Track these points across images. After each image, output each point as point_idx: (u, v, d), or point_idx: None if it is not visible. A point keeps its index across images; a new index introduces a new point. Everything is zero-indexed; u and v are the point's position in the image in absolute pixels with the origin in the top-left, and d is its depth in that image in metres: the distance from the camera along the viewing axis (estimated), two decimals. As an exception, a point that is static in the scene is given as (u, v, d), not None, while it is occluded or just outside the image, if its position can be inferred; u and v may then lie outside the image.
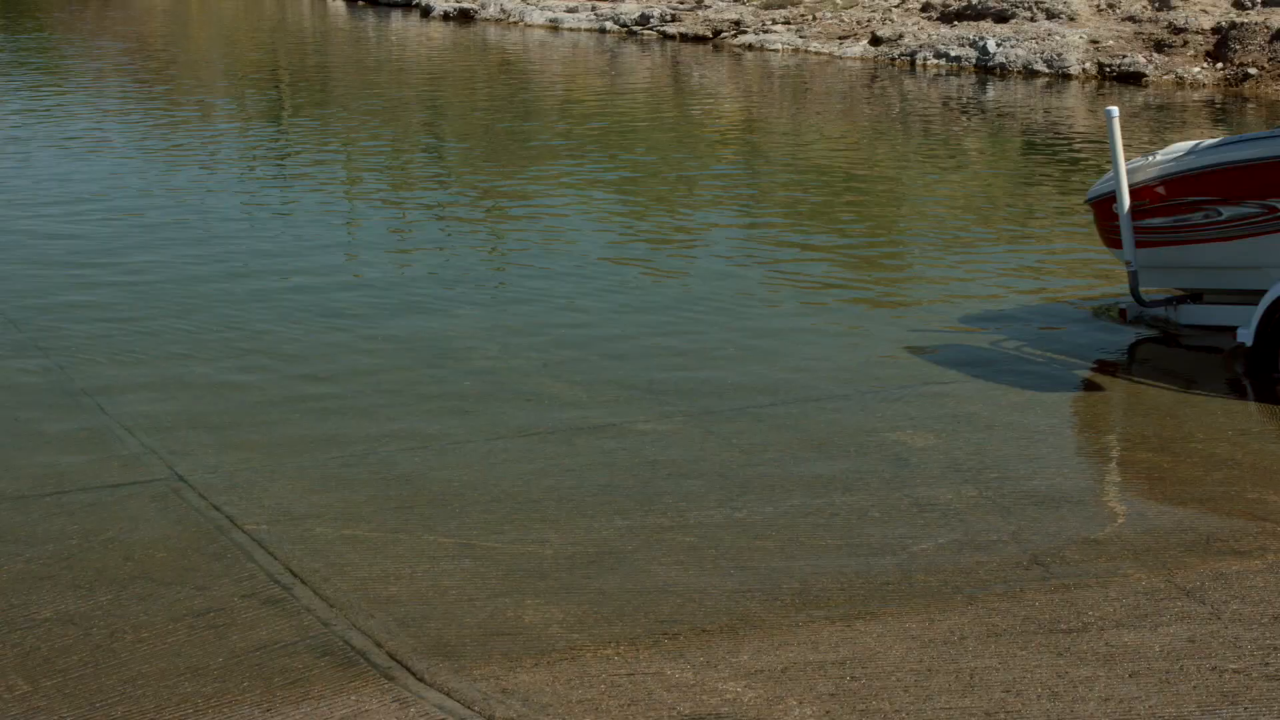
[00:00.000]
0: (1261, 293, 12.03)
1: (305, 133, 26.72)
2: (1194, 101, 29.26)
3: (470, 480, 10.03)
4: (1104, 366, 12.81)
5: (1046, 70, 32.80)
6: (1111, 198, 13.53)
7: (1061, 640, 7.51)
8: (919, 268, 16.25)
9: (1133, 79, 31.42)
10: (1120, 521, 9.43)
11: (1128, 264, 13.47)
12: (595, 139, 25.60)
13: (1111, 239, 13.86)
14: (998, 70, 33.49)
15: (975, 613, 7.95)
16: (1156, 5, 33.80)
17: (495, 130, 26.96)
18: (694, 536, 9.08)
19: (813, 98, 31.37)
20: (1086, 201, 14.63)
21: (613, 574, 8.55)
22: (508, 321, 14.03)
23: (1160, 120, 26.76)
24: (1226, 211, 12.65)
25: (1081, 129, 25.77)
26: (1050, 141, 24.51)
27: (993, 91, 31.40)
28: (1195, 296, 13.70)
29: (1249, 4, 32.90)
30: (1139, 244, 13.35)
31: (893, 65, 35.39)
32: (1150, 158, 13.65)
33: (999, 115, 27.90)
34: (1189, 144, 13.66)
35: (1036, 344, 13.35)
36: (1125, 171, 13.29)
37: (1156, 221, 13.23)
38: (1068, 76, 32.30)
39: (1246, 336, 12.03)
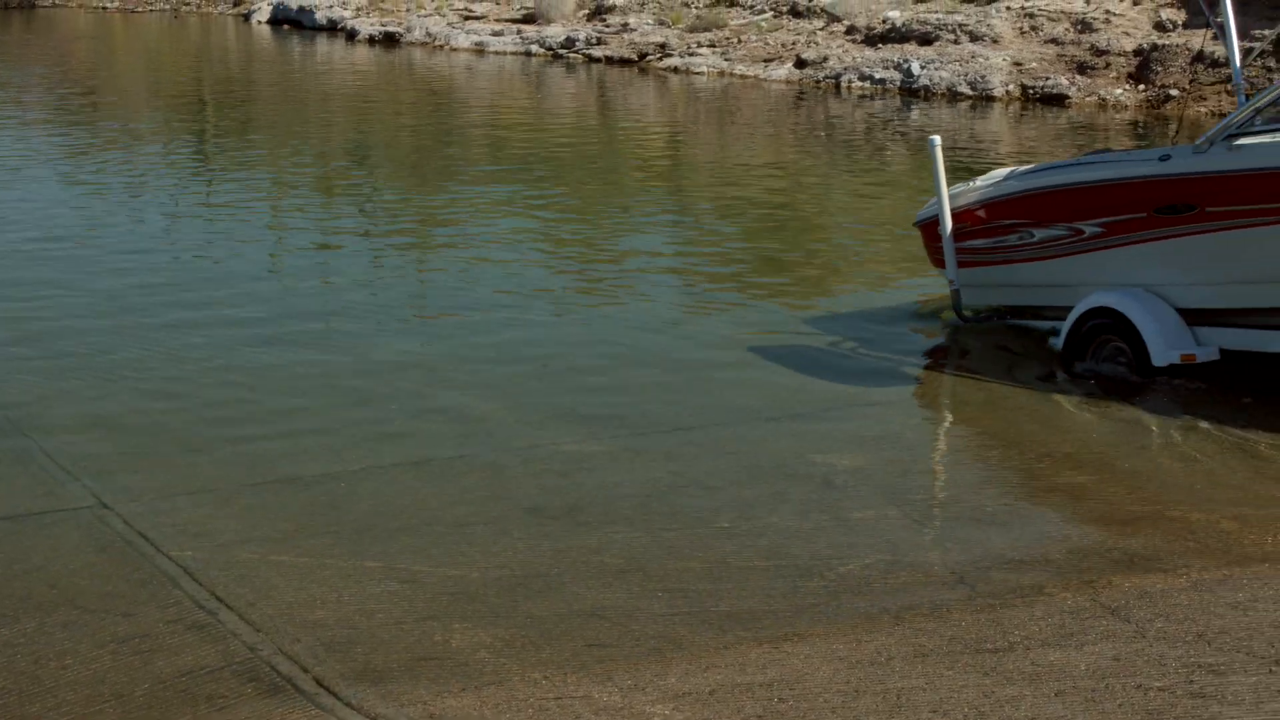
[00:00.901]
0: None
1: (230, 158, 26.60)
2: (1116, 122, 29.49)
3: (397, 504, 9.99)
4: (1023, 384, 12.86)
5: (970, 92, 33.03)
6: (936, 221, 14.33)
7: (988, 660, 7.53)
8: (841, 290, 16.28)
9: (1056, 100, 31.66)
10: (1045, 540, 9.46)
11: (950, 283, 14.31)
12: (521, 163, 25.59)
13: (937, 259, 14.61)
14: (922, 92, 33.70)
15: (902, 633, 7.97)
16: (1079, 28, 34.04)
17: (421, 155, 26.93)
18: (621, 559, 9.08)
19: (738, 121, 31.47)
20: (915, 224, 15.25)
21: (540, 597, 8.53)
22: (435, 346, 14.00)
23: (1083, 141, 26.93)
24: (1038, 234, 13.44)
25: (1007, 150, 25.92)
26: (971, 164, 24.61)
27: (916, 113, 31.57)
28: (1016, 312, 14.37)
29: (1170, 26, 33.17)
30: (962, 264, 14.18)
31: (818, 87, 35.56)
32: (972, 183, 14.46)
33: (921, 137, 28.00)
34: (1006, 170, 14.52)
35: (959, 363, 13.43)
36: (947, 197, 14.10)
37: (977, 243, 14.00)
38: (991, 98, 32.53)
39: (1058, 343, 13.25)
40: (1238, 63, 13.28)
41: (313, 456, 10.91)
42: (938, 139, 14.13)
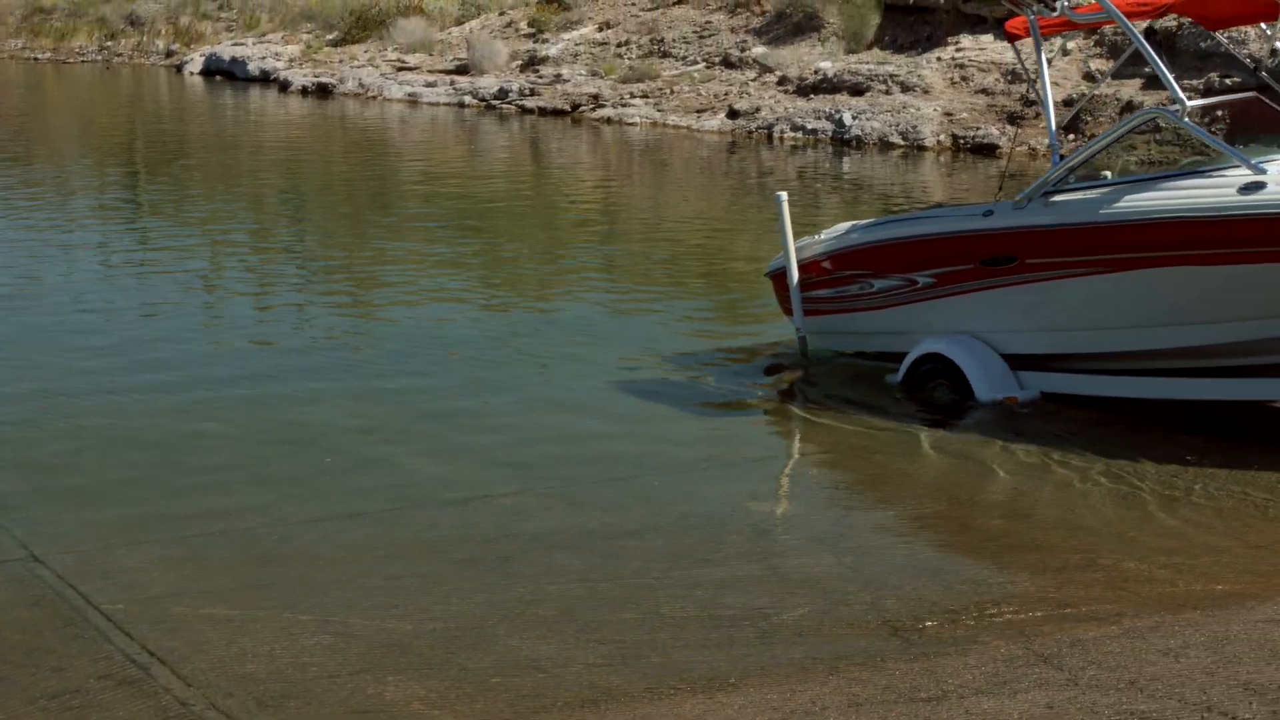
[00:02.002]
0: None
1: (162, 210, 26.51)
2: (1045, 171, 29.63)
3: (330, 557, 9.95)
4: (947, 431, 12.91)
5: (902, 142, 33.21)
6: (785, 272, 14.98)
7: (922, 709, 7.55)
8: (772, 338, 16.26)
9: (986, 150, 31.86)
10: (978, 589, 9.50)
11: (798, 330, 15.02)
12: (455, 214, 25.60)
13: (786, 308, 15.22)
14: (854, 142, 33.86)
15: (836, 683, 7.98)
16: (1009, 78, 34.29)
17: (355, 206, 26.90)
18: (555, 610, 9.07)
19: (670, 171, 31.57)
20: (766, 275, 15.81)
21: (474, 649, 8.51)
22: (368, 397, 13.95)
23: (1014, 190, 27.05)
24: (877, 284, 14.14)
25: (939, 199, 26.04)
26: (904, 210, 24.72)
27: (848, 164, 31.71)
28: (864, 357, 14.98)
29: (1098, 77, 33.44)
30: (808, 312, 14.86)
31: (750, 138, 35.69)
32: (818, 236, 15.03)
33: (855, 186, 28.17)
34: (849, 224, 14.97)
35: (891, 415, 13.46)
36: (794, 250, 14.79)
37: (822, 293, 14.68)
38: (923, 148, 32.71)
39: (895, 379, 13.99)
40: (1053, 125, 13.86)
41: (246, 509, 10.86)
42: (784, 195, 14.91)
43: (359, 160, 33.65)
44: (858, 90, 36.31)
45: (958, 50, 36.64)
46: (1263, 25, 14.37)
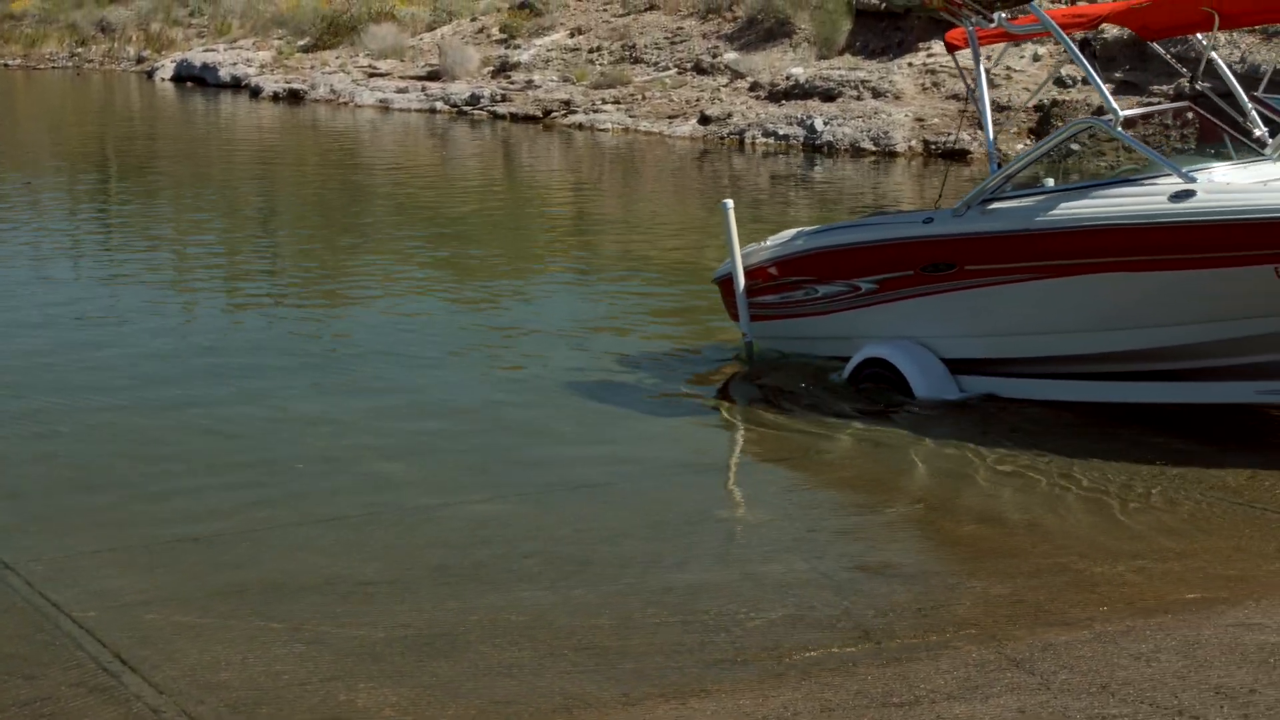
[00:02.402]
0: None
1: (134, 217, 26.46)
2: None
3: (302, 564, 9.94)
4: (910, 435, 12.92)
5: (873, 148, 33.27)
6: (732, 278, 15.28)
7: (894, 714, 7.55)
8: (733, 342, 16.25)
9: (958, 155, 31.89)
10: (950, 594, 9.51)
11: (744, 335, 15.31)
12: (427, 220, 25.58)
13: (733, 313, 15.53)
14: (825, 148, 33.90)
15: (809, 688, 7.98)
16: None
17: (327, 213, 26.88)
18: (528, 617, 9.06)
19: (642, 177, 31.58)
20: (713, 281, 16.14)
21: (446, 656, 8.50)
22: (342, 404, 13.94)
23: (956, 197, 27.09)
24: (822, 290, 14.48)
25: (910, 205, 26.07)
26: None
27: (820, 169, 31.74)
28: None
29: (1069, 83, 33.51)
30: (755, 318, 15.16)
31: (722, 144, 35.72)
32: (764, 243, 15.31)
33: (826, 192, 28.20)
34: (795, 230, 15.33)
35: (851, 419, 13.47)
36: (740, 256, 15.10)
37: (768, 299, 15.00)
38: (894, 154, 32.78)
39: (839, 378, 14.31)
40: (990, 134, 14.03)
41: (217, 516, 10.84)
42: (730, 203, 15.23)
43: (331, 167, 33.60)
44: (829, 96, 36.37)
45: (929, 56, 36.74)
46: (1198, 35, 14.58)
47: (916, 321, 13.74)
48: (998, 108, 33.09)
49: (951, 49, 15.07)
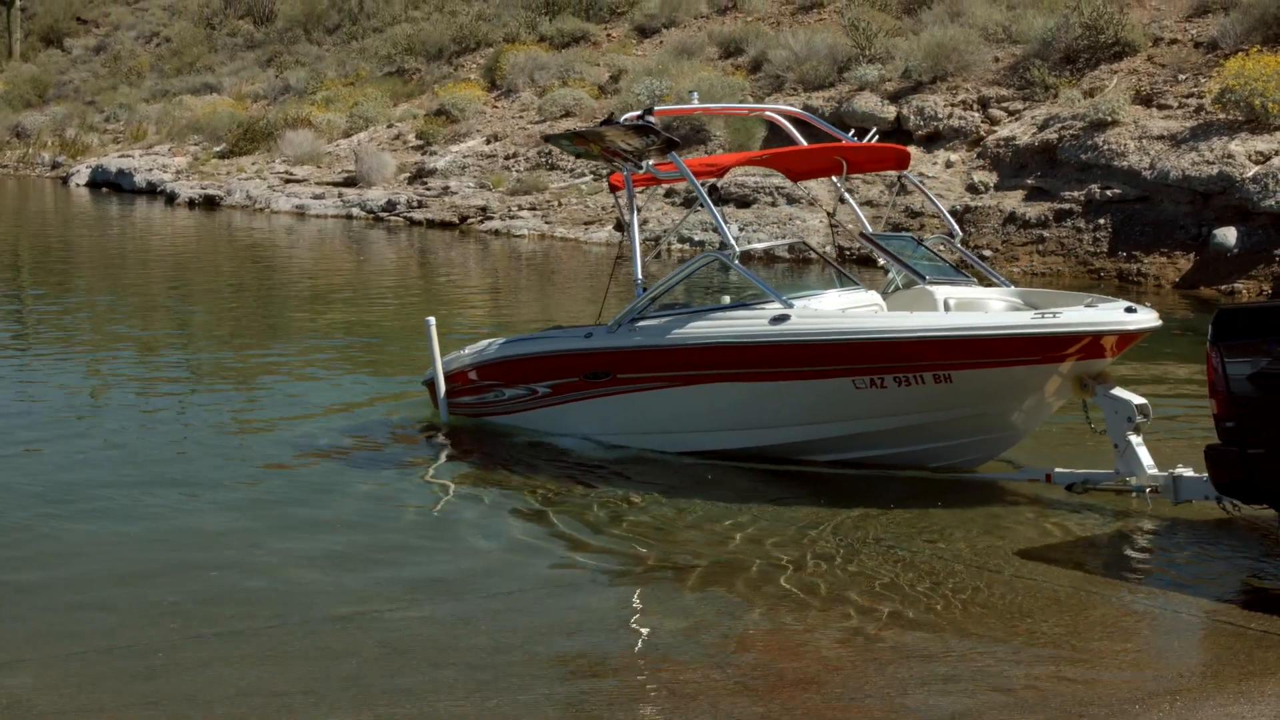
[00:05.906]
0: None
1: (46, 322, 26.27)
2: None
3: (215, 675, 9.86)
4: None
5: (788, 255, 33.45)
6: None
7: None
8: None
9: (872, 262, 32.10)
10: (869, 701, 9.52)
11: (443, 428, 17.23)
12: (340, 326, 25.53)
13: (438, 411, 17.55)
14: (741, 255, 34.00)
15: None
16: (894, 189, 34.68)
17: (240, 320, 26.79)
18: (445, 727, 9.03)
19: (556, 282, 31.71)
20: (422, 384, 18.25)
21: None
22: (254, 513, 13.85)
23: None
24: (508, 392, 16.79)
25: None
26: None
27: (733, 275, 31.83)
28: None
29: (981, 189, 33.89)
30: (455, 413, 17.32)
31: (638, 250, 35.79)
32: (463, 351, 17.53)
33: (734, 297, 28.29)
34: (488, 340, 17.50)
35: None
36: (441, 365, 17.27)
37: (467, 399, 17.26)
38: (809, 260, 32.95)
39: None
40: (638, 265, 15.74)
41: (129, 627, 10.75)
42: (432, 320, 17.39)
43: (245, 272, 33.54)
44: (745, 202, 36.59)
45: (842, 163, 36.96)
46: (834, 179, 17.60)
47: (585, 420, 16.06)
48: (911, 213, 33.42)
49: (614, 189, 17.42)
